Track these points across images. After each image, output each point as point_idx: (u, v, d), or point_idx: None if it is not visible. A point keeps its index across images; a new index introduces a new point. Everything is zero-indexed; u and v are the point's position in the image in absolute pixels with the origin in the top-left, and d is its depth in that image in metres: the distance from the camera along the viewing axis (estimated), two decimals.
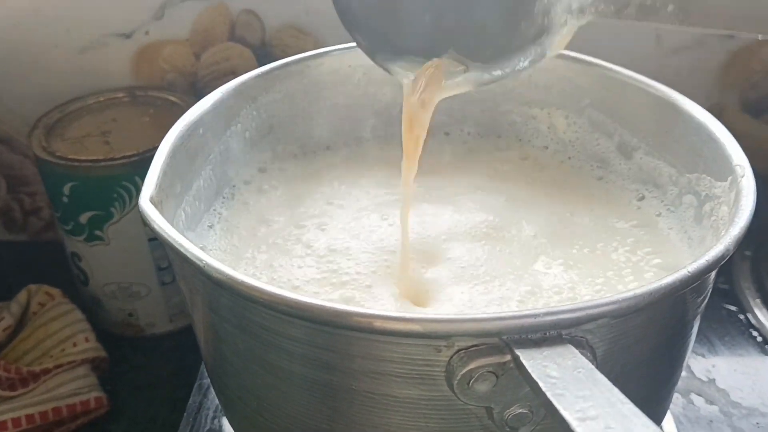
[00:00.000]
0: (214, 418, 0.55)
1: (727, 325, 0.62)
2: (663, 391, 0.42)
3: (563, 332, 0.32)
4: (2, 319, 0.65)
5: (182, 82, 0.72)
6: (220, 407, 0.56)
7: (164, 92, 0.70)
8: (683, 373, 0.58)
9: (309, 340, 0.34)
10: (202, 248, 0.40)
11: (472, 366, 0.32)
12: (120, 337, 0.69)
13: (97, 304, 0.69)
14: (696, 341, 0.61)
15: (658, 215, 0.48)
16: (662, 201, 0.49)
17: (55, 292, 0.68)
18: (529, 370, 0.29)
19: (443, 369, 0.32)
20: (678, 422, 0.54)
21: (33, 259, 0.78)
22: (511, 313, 0.31)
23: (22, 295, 0.67)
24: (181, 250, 0.35)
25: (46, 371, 0.62)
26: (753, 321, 0.64)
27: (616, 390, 0.28)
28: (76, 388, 0.62)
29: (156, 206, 0.37)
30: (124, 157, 0.62)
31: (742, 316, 0.64)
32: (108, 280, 0.67)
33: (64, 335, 0.65)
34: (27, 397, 0.61)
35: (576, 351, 0.31)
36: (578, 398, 0.28)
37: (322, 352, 0.34)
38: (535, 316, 0.31)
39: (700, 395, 0.57)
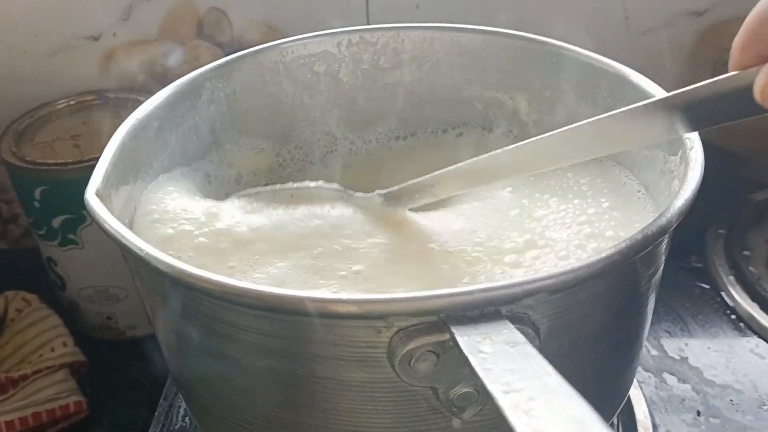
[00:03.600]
0: (185, 416, 0.55)
1: (700, 303, 0.62)
2: (621, 367, 0.41)
3: (502, 309, 0.31)
4: None
5: (153, 83, 0.72)
6: None
7: (135, 93, 0.70)
8: (655, 352, 0.58)
9: (251, 327, 0.33)
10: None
11: (411, 346, 0.31)
12: (100, 341, 0.69)
13: (75, 309, 0.69)
14: (668, 320, 0.60)
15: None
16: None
17: (32, 297, 0.68)
18: (462, 347, 0.29)
19: (385, 350, 0.32)
20: (650, 401, 0.53)
21: (13, 267, 0.78)
22: (447, 291, 0.31)
23: None
24: (123, 241, 0.35)
25: (25, 377, 0.62)
26: (726, 299, 0.63)
27: (545, 363, 0.28)
28: (55, 393, 0.62)
29: (103, 200, 0.37)
30: (92, 159, 0.61)
31: (715, 294, 0.63)
32: (84, 284, 0.67)
33: (41, 341, 0.65)
34: (6, 404, 0.61)
35: (512, 327, 0.30)
36: (505, 372, 0.27)
37: (265, 338, 0.34)
38: (471, 293, 0.31)
39: (672, 374, 0.56)
